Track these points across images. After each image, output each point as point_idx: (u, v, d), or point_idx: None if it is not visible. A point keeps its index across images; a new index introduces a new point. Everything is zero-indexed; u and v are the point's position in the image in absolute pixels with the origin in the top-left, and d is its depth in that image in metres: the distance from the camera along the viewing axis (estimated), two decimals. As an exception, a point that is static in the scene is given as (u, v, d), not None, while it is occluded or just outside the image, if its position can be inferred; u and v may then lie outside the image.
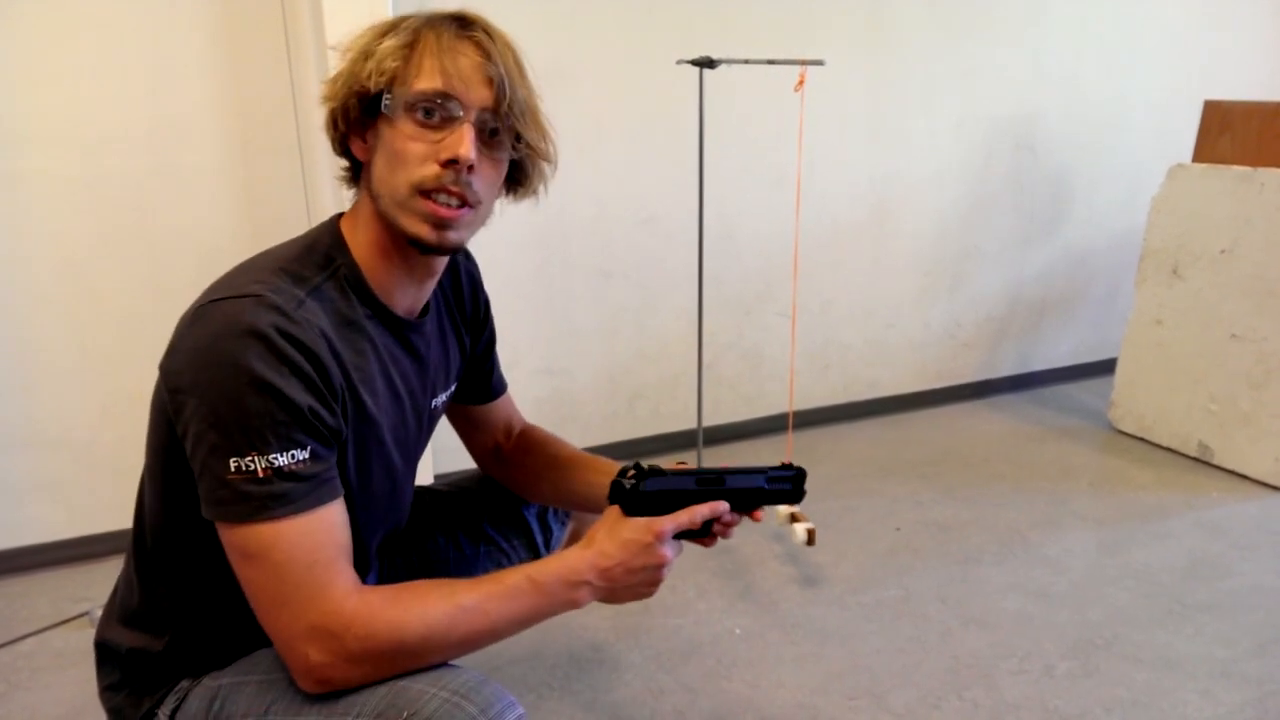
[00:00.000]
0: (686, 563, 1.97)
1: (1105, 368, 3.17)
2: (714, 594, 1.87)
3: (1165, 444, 2.64)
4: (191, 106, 1.88)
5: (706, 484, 1.00)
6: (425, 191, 0.86)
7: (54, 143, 1.79)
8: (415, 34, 0.87)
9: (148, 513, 0.93)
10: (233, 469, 0.78)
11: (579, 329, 2.43)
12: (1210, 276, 2.46)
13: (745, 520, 1.05)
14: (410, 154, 0.86)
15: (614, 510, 0.97)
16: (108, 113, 1.82)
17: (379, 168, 0.89)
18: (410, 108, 0.86)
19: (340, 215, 0.97)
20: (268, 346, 0.79)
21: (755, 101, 2.42)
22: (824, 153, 2.57)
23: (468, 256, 1.17)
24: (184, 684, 0.93)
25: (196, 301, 0.85)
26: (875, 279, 2.80)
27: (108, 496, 1.98)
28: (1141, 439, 2.70)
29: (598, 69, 2.25)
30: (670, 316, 2.52)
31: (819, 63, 1.96)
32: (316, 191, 2.00)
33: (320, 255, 0.91)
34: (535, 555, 1.33)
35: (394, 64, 0.85)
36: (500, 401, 1.26)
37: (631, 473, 0.98)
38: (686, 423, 2.61)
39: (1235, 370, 2.42)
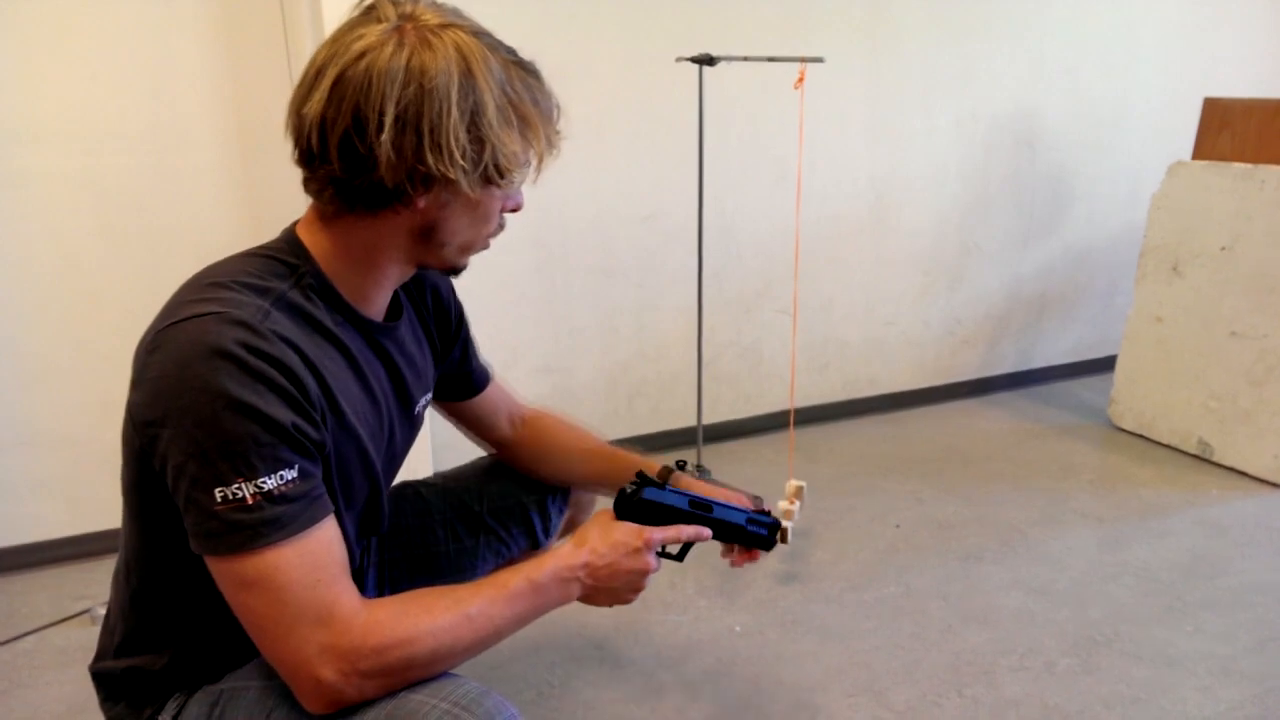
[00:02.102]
0: (688, 560, 1.97)
1: (1105, 365, 3.17)
2: (714, 591, 1.87)
3: (1165, 441, 2.63)
4: (191, 106, 1.88)
5: (697, 507, 1.07)
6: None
7: (54, 142, 1.79)
8: (528, 116, 0.85)
9: (131, 547, 0.91)
10: (219, 499, 0.75)
11: (578, 327, 2.43)
12: (1210, 274, 2.46)
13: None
14: (496, 212, 0.90)
15: (606, 513, 1.02)
16: (108, 112, 1.82)
17: (459, 224, 0.88)
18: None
19: (294, 225, 0.92)
20: (239, 365, 0.75)
21: (755, 99, 2.42)
22: (824, 150, 2.57)
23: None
24: (181, 694, 0.93)
25: (151, 327, 0.81)
26: (875, 277, 2.80)
27: (108, 494, 1.96)
28: (1141, 436, 2.70)
29: (597, 66, 2.25)
30: (670, 314, 2.52)
31: (819, 60, 1.97)
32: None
33: (281, 264, 0.87)
34: (534, 543, 1.35)
35: (522, 158, 0.86)
36: (488, 393, 1.25)
37: (634, 483, 1.04)
38: (686, 421, 2.61)
39: (1235, 367, 2.42)
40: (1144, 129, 3.05)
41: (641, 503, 1.03)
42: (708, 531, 1.07)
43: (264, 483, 0.75)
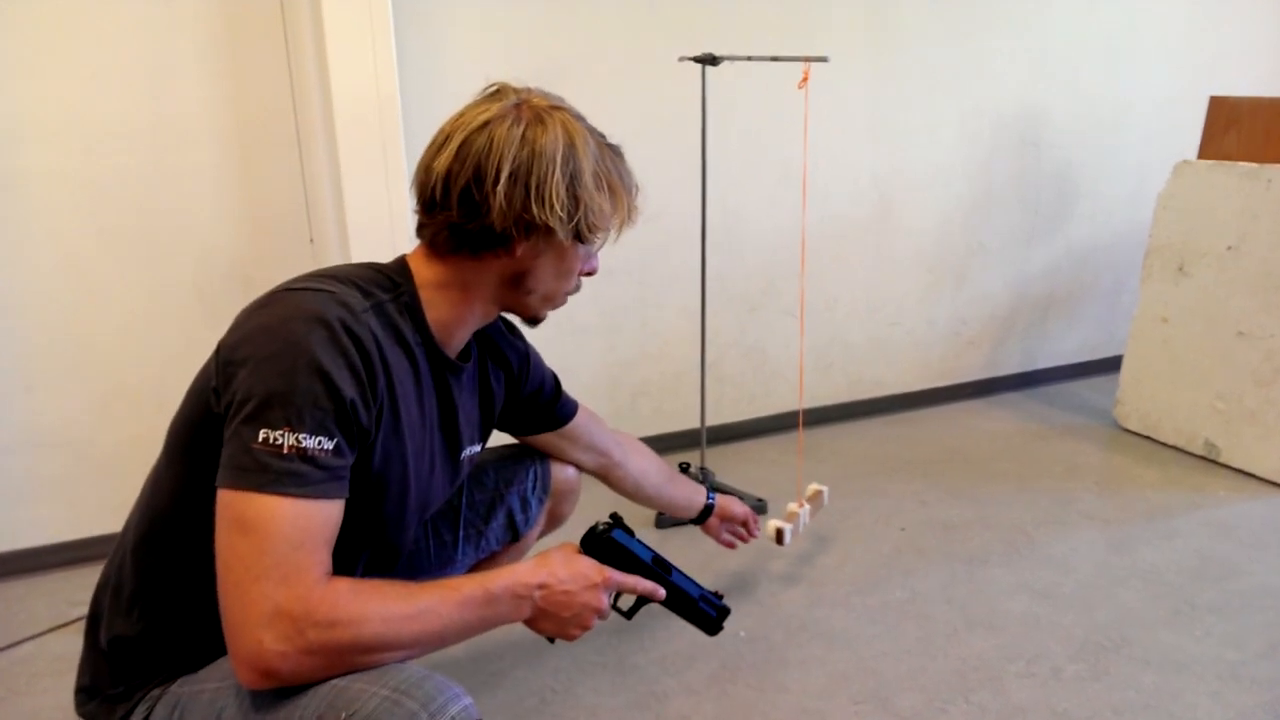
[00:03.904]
0: (693, 563, 1.95)
1: (1110, 365, 3.16)
2: (718, 595, 1.85)
3: (1171, 442, 2.62)
4: (191, 104, 1.87)
5: (659, 565, 1.10)
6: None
7: (53, 141, 1.78)
8: (619, 190, 1.00)
9: (160, 491, 0.93)
10: (260, 439, 0.80)
11: (581, 326, 2.41)
12: (1217, 274, 2.44)
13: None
14: (577, 270, 1.04)
15: (571, 545, 1.06)
16: (107, 110, 1.80)
17: (546, 274, 1.01)
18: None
19: (404, 256, 1.02)
20: (331, 336, 0.84)
21: (758, 99, 2.40)
22: (827, 149, 2.55)
23: (524, 341, 1.28)
24: (155, 692, 0.93)
25: (271, 289, 0.91)
26: (879, 276, 2.79)
27: (107, 498, 1.96)
28: (1147, 437, 2.69)
29: (600, 66, 2.23)
30: (673, 314, 2.50)
31: (823, 59, 1.94)
32: (316, 189, 1.98)
33: (387, 280, 0.98)
34: (515, 534, 1.39)
35: (607, 220, 0.99)
36: (573, 428, 1.37)
37: (607, 522, 1.08)
38: (690, 421, 2.59)
39: (1242, 368, 2.40)
40: (1149, 127, 3.03)
41: (609, 542, 1.06)
42: (662, 591, 1.11)
43: (303, 439, 0.82)
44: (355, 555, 1.00)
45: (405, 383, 0.95)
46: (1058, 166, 2.94)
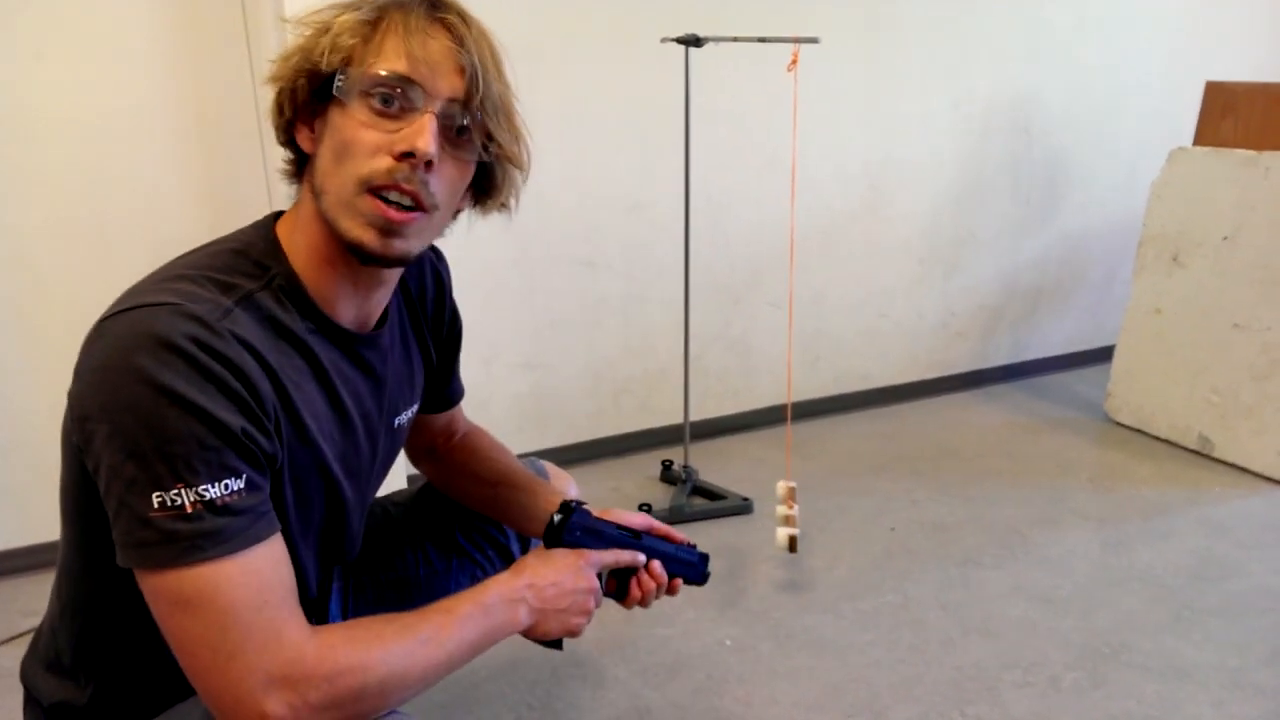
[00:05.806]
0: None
1: (1100, 356, 3.10)
2: (703, 602, 1.78)
3: (1164, 436, 2.57)
4: (145, 90, 1.76)
5: (626, 533, 1.05)
6: (374, 189, 0.75)
7: (-5, 128, 1.67)
8: (380, 11, 0.77)
9: (65, 555, 0.83)
10: (156, 505, 0.67)
11: (561, 321, 2.32)
12: (1212, 264, 2.39)
13: (739, 522, 0.99)
14: (361, 144, 0.75)
15: (540, 546, 1.00)
16: (55, 97, 1.70)
17: (324, 160, 0.78)
18: (366, 92, 0.75)
19: (275, 216, 0.86)
20: (188, 361, 0.68)
21: (744, 82, 2.31)
22: (815, 136, 2.47)
23: (438, 256, 1.06)
24: None
25: (102, 314, 0.73)
26: (868, 267, 2.71)
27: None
28: (1139, 431, 2.63)
29: (578, 47, 2.13)
30: (657, 308, 2.42)
31: (814, 40, 1.87)
32: (278, 178, 1.88)
33: (251, 262, 0.80)
34: (510, 564, 1.26)
35: (352, 41, 0.76)
36: (451, 411, 1.18)
37: (560, 511, 1.03)
38: (672, 418, 2.51)
39: (1238, 361, 2.35)
40: (1143, 113, 2.96)
41: (573, 527, 1.01)
42: (642, 558, 1.04)
43: (206, 490, 0.69)
44: (304, 562, 0.91)
45: (303, 384, 0.80)
46: (1050, 153, 2.87)
